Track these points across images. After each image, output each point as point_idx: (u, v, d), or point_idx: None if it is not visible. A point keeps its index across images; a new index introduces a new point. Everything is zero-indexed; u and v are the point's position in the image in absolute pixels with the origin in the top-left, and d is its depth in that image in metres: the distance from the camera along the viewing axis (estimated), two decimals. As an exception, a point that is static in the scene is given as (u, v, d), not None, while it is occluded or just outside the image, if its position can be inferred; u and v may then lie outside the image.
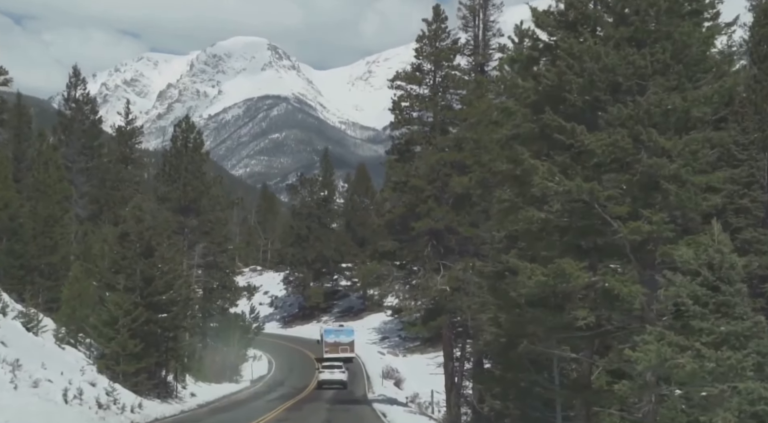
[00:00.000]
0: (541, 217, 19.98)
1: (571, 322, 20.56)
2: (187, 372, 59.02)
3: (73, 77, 73.90)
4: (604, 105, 19.81)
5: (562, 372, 25.36)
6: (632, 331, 21.12)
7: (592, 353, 22.15)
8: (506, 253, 29.38)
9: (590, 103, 20.07)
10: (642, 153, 19.46)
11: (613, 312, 20.51)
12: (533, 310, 20.78)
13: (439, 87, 49.26)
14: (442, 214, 46.03)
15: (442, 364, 50.90)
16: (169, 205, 74.25)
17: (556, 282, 19.55)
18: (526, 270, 19.80)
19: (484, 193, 36.81)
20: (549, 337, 21.37)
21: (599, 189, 19.49)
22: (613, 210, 19.52)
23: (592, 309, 20.45)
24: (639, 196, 19.93)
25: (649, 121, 19.03)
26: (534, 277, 19.50)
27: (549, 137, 20.69)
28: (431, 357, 78.34)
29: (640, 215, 19.49)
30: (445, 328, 47.89)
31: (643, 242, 19.93)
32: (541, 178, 19.69)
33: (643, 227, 19.15)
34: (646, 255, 20.24)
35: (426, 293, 46.25)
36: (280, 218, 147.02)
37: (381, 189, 58.17)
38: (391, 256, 49.34)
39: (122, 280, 43.64)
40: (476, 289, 37.47)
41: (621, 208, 19.51)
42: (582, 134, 19.28)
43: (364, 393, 64.11)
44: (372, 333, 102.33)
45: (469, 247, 46.21)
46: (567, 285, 19.71)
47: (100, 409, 33.37)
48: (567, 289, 20.06)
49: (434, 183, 47.00)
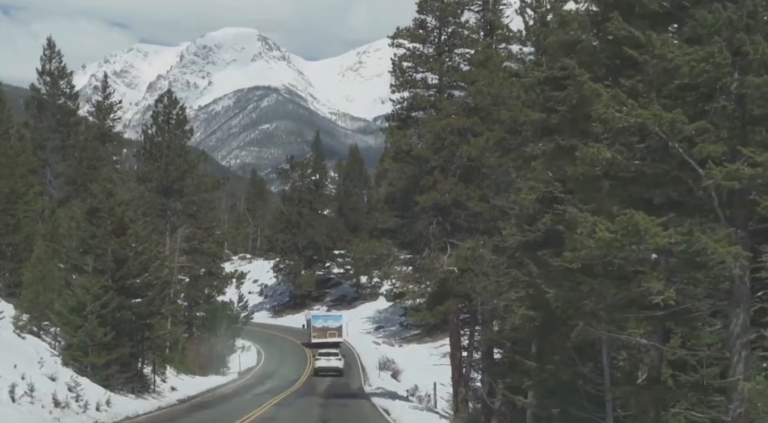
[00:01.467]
0: (607, 156, 15.15)
1: (638, 298, 15.84)
2: (169, 364, 54.38)
3: (47, 50, 68.77)
4: (691, 7, 14.97)
5: (612, 362, 20.65)
6: (719, 309, 16.41)
7: (663, 338, 17.33)
8: (537, 219, 24.68)
9: (670, 6, 15.24)
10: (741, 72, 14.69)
11: (697, 285, 15.70)
12: (591, 281, 15.98)
13: (444, 45, 44.28)
14: (449, 187, 41.06)
15: (446, 354, 46.20)
16: (150, 186, 69.57)
17: (626, 242, 14.76)
18: (586, 224, 14.96)
19: (502, 157, 31.98)
20: (609, 317, 16.53)
21: (683, 120, 14.67)
22: (702, 150, 14.68)
23: (668, 281, 15.61)
24: (734, 131, 15.16)
25: (757, 26, 14.25)
26: (599, 233, 14.70)
27: (613, 56, 15.90)
28: (429, 347, 75.71)
29: (738, 155, 14.72)
30: (452, 315, 43.16)
31: (739, 193, 15.18)
32: (605, 105, 14.88)
33: (742, 171, 14.35)
34: (741, 211, 15.47)
35: (431, 275, 41.33)
36: (270, 205, 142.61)
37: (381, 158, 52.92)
38: (391, 234, 44.32)
39: (91, 262, 38.81)
40: (490, 269, 32.71)
41: (713, 146, 14.67)
42: (665, 45, 14.44)
43: (360, 385, 60.33)
44: (366, 322, 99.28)
45: (478, 224, 41.44)
46: (638, 247, 14.93)
47: (56, 407, 28.52)
48: (634, 254, 15.28)
49: (440, 152, 42.03)
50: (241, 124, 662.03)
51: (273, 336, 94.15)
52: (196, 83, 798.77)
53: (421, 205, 41.78)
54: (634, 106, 14.83)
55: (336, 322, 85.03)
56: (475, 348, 45.84)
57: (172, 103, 69.35)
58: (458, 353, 43.53)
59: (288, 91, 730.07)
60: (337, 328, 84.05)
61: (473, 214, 41.26)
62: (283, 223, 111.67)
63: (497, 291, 31.81)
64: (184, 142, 69.42)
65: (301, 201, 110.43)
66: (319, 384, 59.95)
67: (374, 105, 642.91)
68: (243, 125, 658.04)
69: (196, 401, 45.84)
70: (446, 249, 41.97)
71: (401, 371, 69.11)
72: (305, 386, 58.50)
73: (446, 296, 41.40)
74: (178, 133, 69.27)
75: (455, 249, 41.54)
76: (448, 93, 44.65)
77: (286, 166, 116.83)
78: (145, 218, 46.54)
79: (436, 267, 40.86)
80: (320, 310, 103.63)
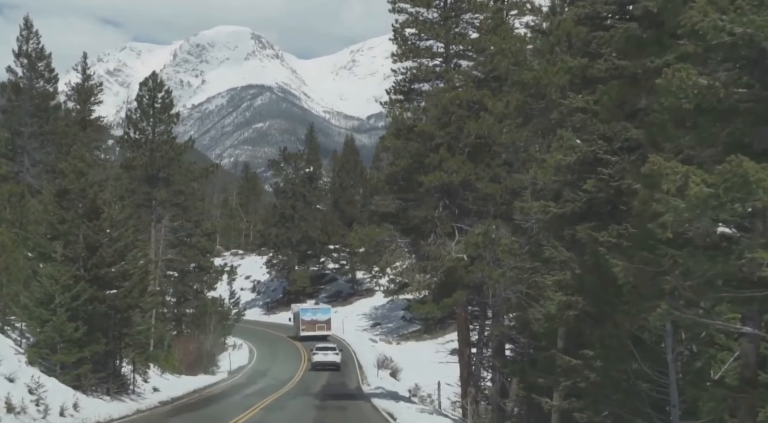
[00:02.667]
0: (702, 83, 11.23)
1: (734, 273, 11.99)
2: (153, 362, 50.49)
3: (24, 30, 64.66)
4: None
5: (676, 357, 16.72)
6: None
7: (759, 325, 13.35)
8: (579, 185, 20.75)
9: None
10: None
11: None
12: (675, 252, 12.09)
13: (451, 10, 40.06)
14: (457, 166, 36.93)
15: (453, 350, 42.31)
16: (134, 174, 65.57)
17: (728, 198, 10.90)
18: (674, 177, 11.06)
19: (523, 126, 28.11)
20: (696, 298, 12.57)
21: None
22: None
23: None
24: None
25: None
26: (692, 188, 10.82)
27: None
28: (428, 344, 73.58)
29: None
30: (461, 307, 39.22)
31: None
32: (701, 11, 10.98)
33: None
34: None
35: (438, 264, 37.28)
36: (263, 200, 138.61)
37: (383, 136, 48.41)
38: (393, 219, 40.11)
39: (60, 248, 34.76)
40: (507, 254, 28.80)
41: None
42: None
43: (358, 385, 56.57)
44: (362, 319, 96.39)
45: (489, 207, 37.56)
46: (743, 205, 11.09)
47: (9, 413, 24.50)
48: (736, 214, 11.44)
49: (447, 128, 37.87)
50: (235, 122, 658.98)
51: (266, 333, 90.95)
52: (189, 82, 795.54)
53: (426, 186, 37.72)
54: (743, 11, 10.92)
55: (324, 314, 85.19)
56: (485, 343, 42.06)
57: (158, 86, 65.31)
58: (467, 349, 39.66)
59: (281, 89, 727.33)
60: (326, 321, 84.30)
61: (483, 197, 37.35)
62: (276, 217, 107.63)
63: (518, 278, 27.97)
64: (170, 128, 65.35)
65: (294, 194, 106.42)
66: (313, 383, 56.32)
67: (368, 103, 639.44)
68: (236, 124, 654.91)
69: (180, 403, 41.86)
70: (454, 234, 37.98)
71: (400, 370, 66.00)
72: (299, 386, 54.64)
73: (454, 287, 37.43)
74: (164, 118, 65.26)
75: (464, 234, 37.60)
76: (455, 63, 40.50)
77: (278, 157, 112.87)
78: (122, 202, 42.29)
79: (443, 254, 36.87)
80: (309, 303, 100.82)
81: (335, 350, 66.91)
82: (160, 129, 65.05)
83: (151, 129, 64.78)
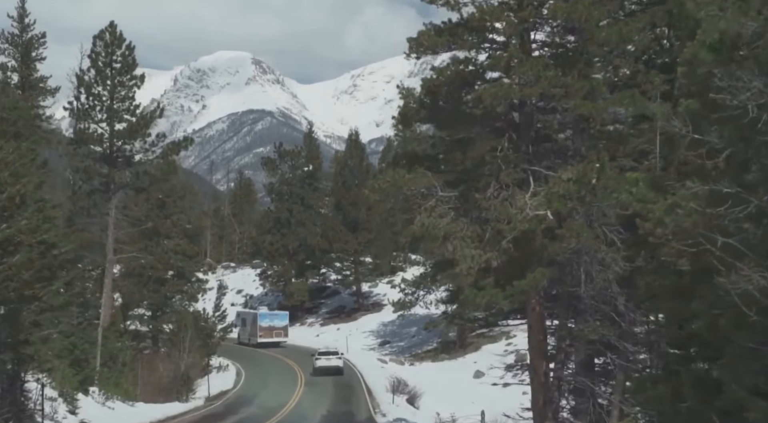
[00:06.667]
0: None
1: None
2: (92, 386, 37.33)
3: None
4: None
5: None
6: None
7: None
8: None
9: None
10: None
11: None
12: None
13: None
14: (534, 73, 23.40)
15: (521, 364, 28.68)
16: (87, 151, 52.60)
17: None
18: None
19: None
20: None
21: None
22: None
23: None
24: None
25: None
26: None
27: None
28: (446, 364, 66.71)
29: None
30: (536, 296, 25.69)
31: None
32: None
33: None
34: None
35: (504, 227, 23.62)
36: (258, 208, 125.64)
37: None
38: (431, 161, 26.04)
39: None
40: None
41: None
42: None
43: (370, 415, 46.33)
44: (369, 337, 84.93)
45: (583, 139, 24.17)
46: None
47: None
48: None
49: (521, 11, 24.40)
50: (236, 147, 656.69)
51: (256, 352, 78.72)
52: (190, 107, 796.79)
53: (482, 104, 23.87)
54: None
55: (282, 321, 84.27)
56: (566, 354, 28.64)
57: (117, 41, 52.27)
58: (543, 363, 26.13)
59: (282, 114, 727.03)
60: (283, 328, 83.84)
61: (575, 120, 23.82)
62: (270, 222, 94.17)
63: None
64: (132, 93, 52.21)
65: (291, 195, 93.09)
66: (310, 412, 45.52)
67: (369, 128, 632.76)
68: (237, 149, 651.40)
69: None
70: (528, 182, 24.38)
71: (419, 395, 54.63)
72: (291, 417, 42.39)
73: (528, 263, 23.90)
74: (124, 80, 52.24)
75: (544, 182, 24.16)
76: None
77: (273, 153, 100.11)
78: (14, 143, 28.48)
79: (511, 212, 23.30)
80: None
81: (338, 355, 65.14)
82: (120, 94, 52.11)
83: (109, 94, 51.80)
